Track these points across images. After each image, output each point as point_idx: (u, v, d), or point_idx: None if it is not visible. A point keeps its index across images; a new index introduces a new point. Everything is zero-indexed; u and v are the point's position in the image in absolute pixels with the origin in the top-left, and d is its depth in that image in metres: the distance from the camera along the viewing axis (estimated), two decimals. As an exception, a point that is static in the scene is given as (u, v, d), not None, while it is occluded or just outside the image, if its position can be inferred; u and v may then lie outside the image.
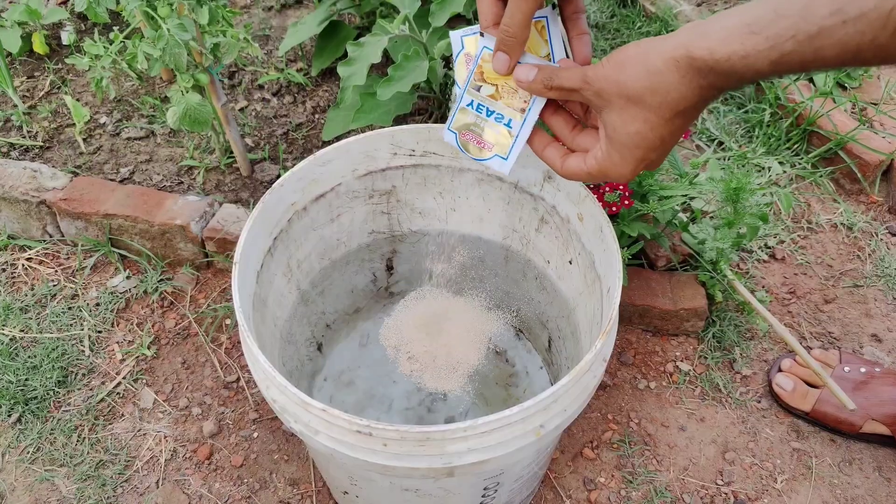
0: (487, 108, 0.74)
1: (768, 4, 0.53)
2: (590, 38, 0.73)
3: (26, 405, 1.22)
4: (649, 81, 0.59)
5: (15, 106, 1.60)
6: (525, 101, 0.73)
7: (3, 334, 1.30)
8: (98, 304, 1.35)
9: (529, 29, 0.68)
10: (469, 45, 0.74)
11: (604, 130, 0.65)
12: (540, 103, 0.72)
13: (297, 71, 1.68)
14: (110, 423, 1.21)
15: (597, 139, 0.67)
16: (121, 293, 1.36)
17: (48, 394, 1.23)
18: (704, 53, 0.55)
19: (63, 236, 1.43)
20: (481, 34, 0.72)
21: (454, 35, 0.74)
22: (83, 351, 1.29)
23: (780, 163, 1.55)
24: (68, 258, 1.42)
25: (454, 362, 0.99)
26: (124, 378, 1.26)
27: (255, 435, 1.19)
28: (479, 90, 0.74)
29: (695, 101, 0.58)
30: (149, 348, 1.29)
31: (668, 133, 0.62)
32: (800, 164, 1.55)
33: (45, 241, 1.44)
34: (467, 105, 0.75)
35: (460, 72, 0.75)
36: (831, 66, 0.52)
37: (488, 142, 0.75)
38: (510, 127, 0.74)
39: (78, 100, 1.62)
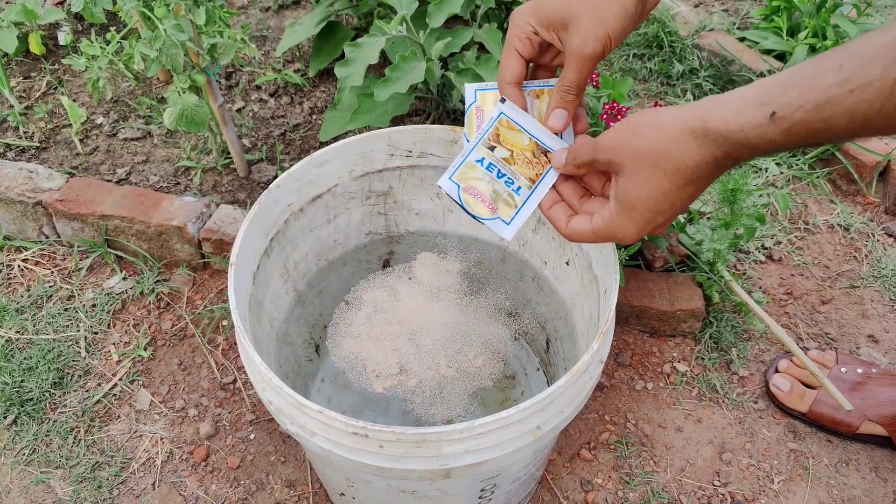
0: (499, 171, 0.75)
1: (780, 77, 0.54)
2: (584, 110, 0.78)
3: (22, 407, 1.21)
4: (664, 147, 0.60)
5: (11, 106, 1.60)
6: (537, 174, 0.75)
7: (-1, 335, 1.30)
8: (94, 306, 1.34)
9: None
10: (483, 101, 0.77)
11: (614, 193, 0.66)
12: (553, 177, 0.75)
13: (295, 72, 1.67)
14: (106, 425, 1.21)
15: (604, 204, 0.69)
16: (117, 294, 1.36)
17: (44, 395, 1.23)
18: (719, 123, 0.56)
19: (59, 237, 1.43)
20: (502, 100, 0.75)
21: (469, 88, 0.77)
22: (79, 352, 1.29)
23: (777, 164, 1.55)
24: (64, 259, 1.41)
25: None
26: (120, 379, 1.26)
27: (252, 436, 1.19)
28: (492, 150, 0.75)
29: (709, 170, 0.59)
30: (145, 350, 1.29)
31: (678, 199, 0.62)
32: (797, 165, 1.55)
33: (41, 242, 1.43)
34: (476, 161, 0.75)
35: (471, 125, 0.76)
36: (843, 136, 0.52)
37: (494, 204, 0.75)
38: (518, 194, 0.75)
39: (74, 100, 1.62)
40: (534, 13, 0.72)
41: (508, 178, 0.75)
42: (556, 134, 0.75)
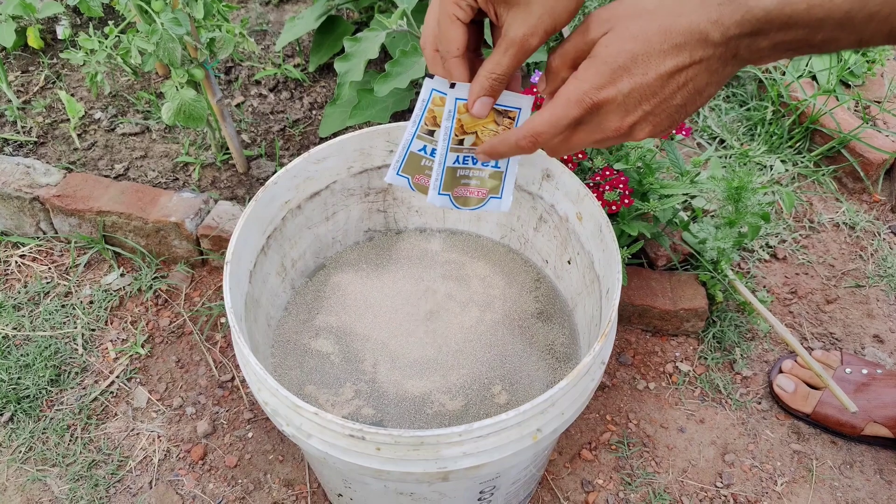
0: (473, 158, 0.73)
1: None
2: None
3: (18, 404, 1.20)
4: (668, 5, 0.54)
5: (9, 101, 1.58)
6: (507, 117, 0.71)
7: (-4, 332, 1.29)
8: (92, 302, 1.33)
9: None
10: (436, 101, 0.71)
11: (593, 52, 0.58)
12: (528, 108, 0.71)
13: (295, 66, 1.66)
14: (103, 423, 1.19)
15: None
16: (115, 291, 1.35)
17: (41, 392, 1.22)
18: None
19: (57, 233, 1.42)
20: (451, 86, 0.69)
21: (427, 84, 0.71)
22: (76, 349, 1.27)
23: (783, 161, 1.53)
24: (62, 255, 1.40)
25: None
26: (118, 377, 1.24)
27: (250, 435, 1.18)
28: (461, 143, 0.72)
29: (696, 42, 0.53)
30: (143, 347, 1.27)
31: (654, 69, 0.55)
32: (802, 162, 1.54)
33: (38, 237, 1.42)
34: (454, 163, 0.73)
35: (426, 129, 0.72)
36: (831, 19, 0.49)
37: (479, 188, 0.74)
38: (497, 166, 0.74)
39: (72, 95, 1.61)
40: None
41: (473, 157, 0.73)
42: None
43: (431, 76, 0.69)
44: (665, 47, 0.54)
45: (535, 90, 1.04)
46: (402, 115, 1.47)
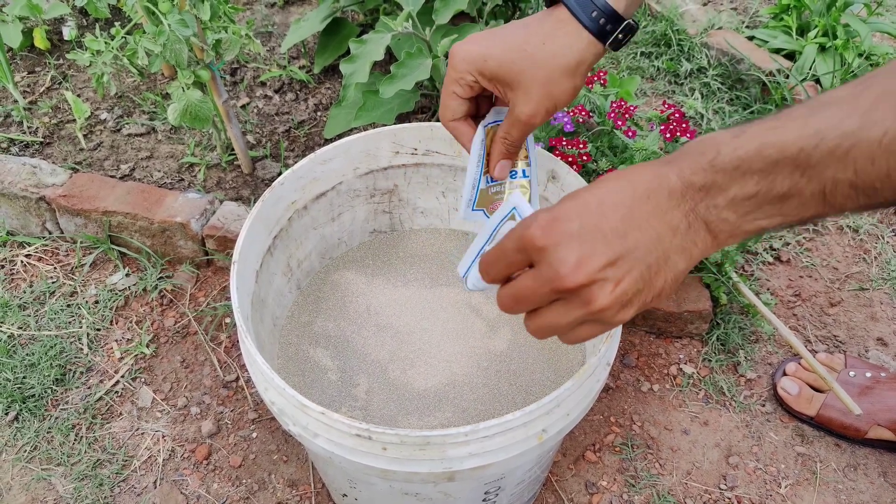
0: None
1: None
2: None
3: (24, 403, 1.20)
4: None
5: (15, 101, 1.59)
6: (525, 152, 0.79)
7: (2, 331, 1.29)
8: (97, 302, 1.34)
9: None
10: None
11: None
12: (534, 145, 0.80)
13: (300, 68, 1.66)
14: (108, 422, 1.20)
15: None
16: (120, 291, 1.35)
17: (46, 392, 1.22)
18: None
19: (62, 233, 1.42)
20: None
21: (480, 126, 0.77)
22: (81, 349, 1.28)
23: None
24: (67, 255, 1.41)
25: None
26: (122, 377, 1.25)
27: (254, 435, 1.18)
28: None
29: (669, 194, 0.49)
30: (147, 347, 1.28)
31: (614, 210, 0.50)
32: (806, 165, 1.54)
33: (44, 237, 1.43)
34: (486, 184, 0.79)
35: (472, 164, 0.78)
36: (788, 163, 0.45)
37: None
38: (526, 176, 0.79)
39: (79, 95, 1.61)
40: (476, 65, 0.69)
41: (512, 172, 0.79)
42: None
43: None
44: (623, 184, 0.50)
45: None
46: (408, 116, 1.48)
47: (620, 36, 0.68)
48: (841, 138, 0.43)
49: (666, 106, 1.21)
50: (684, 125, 1.17)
